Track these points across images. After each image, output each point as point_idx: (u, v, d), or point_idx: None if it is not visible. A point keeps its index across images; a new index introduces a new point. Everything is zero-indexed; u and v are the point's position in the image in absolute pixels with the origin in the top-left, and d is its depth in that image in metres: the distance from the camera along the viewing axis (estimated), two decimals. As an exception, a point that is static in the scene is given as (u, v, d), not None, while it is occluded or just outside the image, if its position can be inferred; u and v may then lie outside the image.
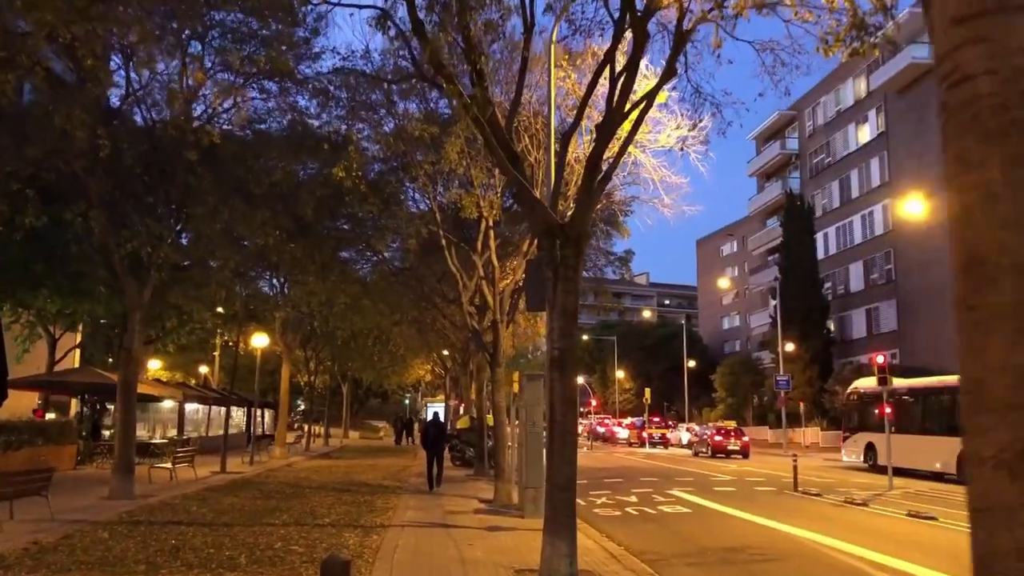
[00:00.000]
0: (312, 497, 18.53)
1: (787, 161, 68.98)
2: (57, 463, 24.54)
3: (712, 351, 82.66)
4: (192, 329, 26.44)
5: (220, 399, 37.39)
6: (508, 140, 9.94)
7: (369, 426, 71.25)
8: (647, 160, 17.72)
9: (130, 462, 17.35)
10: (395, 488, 21.36)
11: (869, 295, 56.09)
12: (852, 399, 32.81)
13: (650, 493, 20.72)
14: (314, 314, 31.03)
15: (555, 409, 9.66)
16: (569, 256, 9.56)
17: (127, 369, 17.34)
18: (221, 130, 17.96)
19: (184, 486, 20.36)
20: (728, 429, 42.45)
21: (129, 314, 17.39)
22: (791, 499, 19.79)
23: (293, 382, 55.31)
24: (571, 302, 9.63)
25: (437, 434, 21.15)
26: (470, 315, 18.99)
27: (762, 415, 61.07)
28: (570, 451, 9.52)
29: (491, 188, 17.89)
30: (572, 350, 9.64)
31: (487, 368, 22.81)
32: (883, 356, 23.88)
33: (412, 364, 54.63)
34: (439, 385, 67.03)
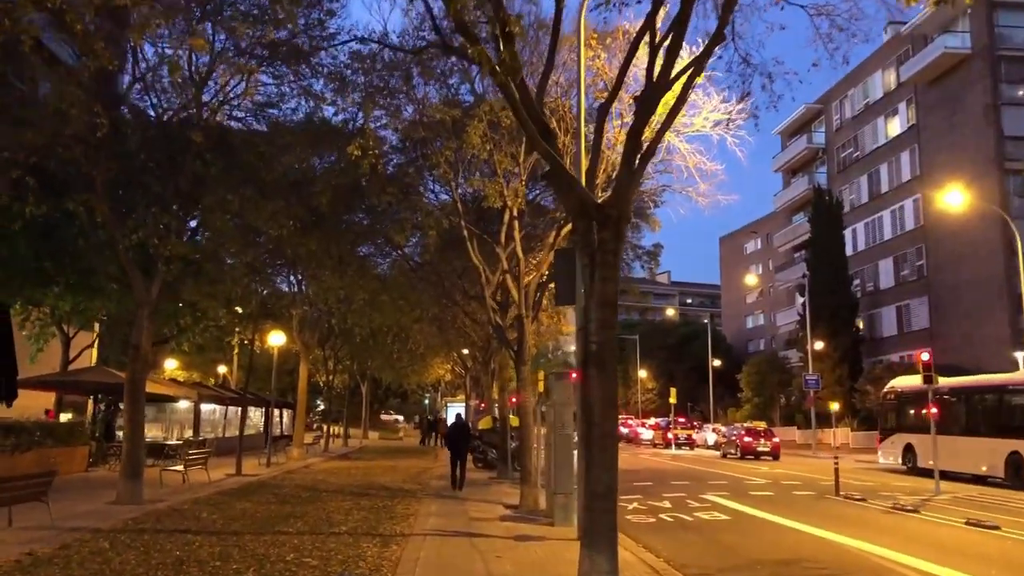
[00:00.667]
0: (329, 502, 17.65)
1: (814, 156, 67.54)
2: (68, 465, 23.88)
3: (736, 350, 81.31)
4: (206, 327, 25.64)
5: (237, 399, 36.68)
6: (539, 112, 8.97)
7: (389, 426, 70.50)
8: (681, 146, 16.73)
9: (138, 465, 16.52)
10: (416, 492, 20.46)
11: (900, 292, 54.67)
12: (889, 399, 31.59)
13: (683, 498, 19.68)
14: (332, 311, 30.23)
15: (593, 410, 8.69)
16: (608, 239, 8.58)
17: (135, 367, 16.51)
18: (232, 115, 17.14)
19: (196, 490, 19.55)
20: (758, 430, 41.27)
21: (137, 310, 16.56)
22: (835, 504, 18.68)
23: (312, 382, 54.79)
24: (610, 290, 8.64)
25: (459, 435, 21.06)
26: (493, 310, 18.04)
27: (789, 415, 59.74)
28: (610, 457, 8.54)
29: (515, 176, 16.91)
30: (612, 344, 8.66)
31: (510, 366, 21.92)
32: (927, 353, 22.62)
33: (432, 363, 53.83)
34: (459, 385, 66.21)
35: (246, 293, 24.19)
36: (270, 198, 15.65)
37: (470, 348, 44.46)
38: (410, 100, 16.97)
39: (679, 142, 16.51)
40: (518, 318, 17.25)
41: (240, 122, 17.29)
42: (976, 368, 34.97)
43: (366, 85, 16.53)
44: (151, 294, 16.49)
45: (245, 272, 21.44)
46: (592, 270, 8.72)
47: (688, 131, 16.60)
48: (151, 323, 16.64)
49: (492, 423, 30.19)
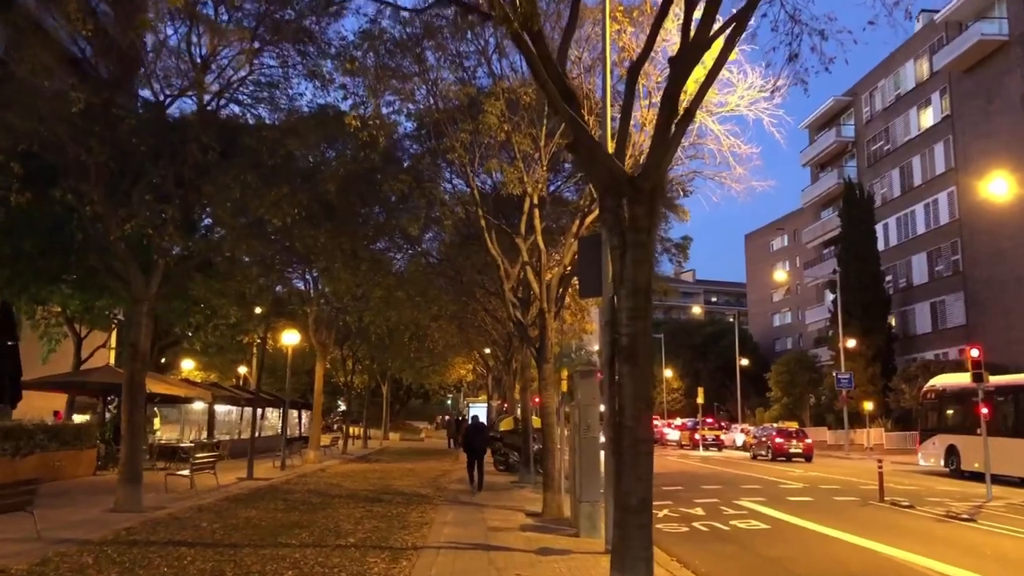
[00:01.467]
0: (340, 509, 16.64)
1: (843, 149, 65.89)
2: (74, 469, 23.06)
3: (763, 349, 79.82)
4: (216, 325, 24.78)
5: (252, 400, 35.85)
6: (561, 72, 7.89)
7: (411, 427, 69.61)
8: (714, 127, 15.55)
9: (137, 470, 15.58)
10: (432, 498, 19.42)
11: (934, 288, 53.00)
12: (929, 398, 30.17)
13: (716, 504, 18.51)
14: (347, 309, 29.28)
15: (624, 411, 7.59)
16: (640, 216, 7.49)
17: (133, 366, 15.56)
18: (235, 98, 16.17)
19: (203, 495, 18.62)
20: (790, 430, 39.90)
21: (135, 306, 15.63)
22: (882, 512, 17.41)
23: (332, 382, 53.96)
24: (643, 275, 7.55)
25: (477, 436, 21.16)
26: (513, 305, 16.94)
27: (820, 415, 58.18)
28: (644, 466, 7.45)
29: (536, 161, 15.80)
30: (646, 336, 7.56)
31: (532, 365, 20.85)
32: (977, 349, 21.25)
33: (453, 363, 52.87)
34: (481, 385, 65.26)
35: (260, 290, 23.28)
36: (273, 184, 14.64)
37: (491, 347, 43.53)
38: (423, 82, 15.91)
39: (712, 123, 15.32)
40: (540, 314, 16.15)
41: (244, 107, 16.30)
42: (1016, 367, 33.45)
43: (376, 67, 15.51)
44: (150, 289, 15.54)
45: (257, 268, 20.52)
46: (622, 252, 7.63)
47: (722, 111, 15.42)
48: (150, 320, 15.69)
49: (513, 424, 29.11)
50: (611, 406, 10.99)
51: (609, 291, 11.68)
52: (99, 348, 31.27)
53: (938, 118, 52.99)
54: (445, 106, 15.89)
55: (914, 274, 55.27)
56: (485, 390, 60.48)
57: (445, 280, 26.81)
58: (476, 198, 16.38)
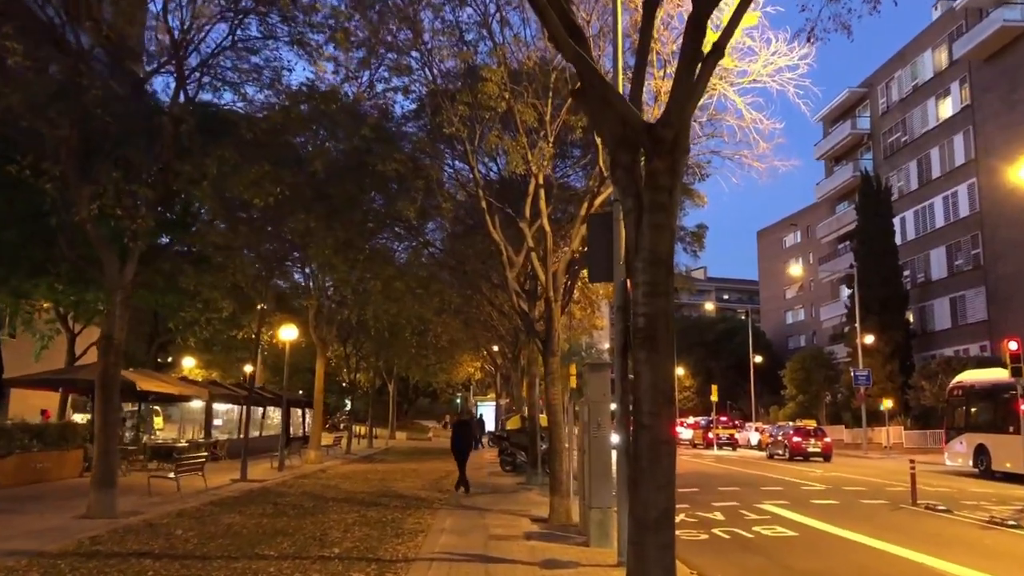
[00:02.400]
0: (331, 513, 15.47)
1: (858, 142, 64.41)
2: (58, 470, 21.95)
3: (776, 347, 78.38)
4: (209, 320, 23.63)
5: (247, 398, 34.73)
6: (565, 4, 6.67)
7: (418, 426, 68.45)
8: (737, 99, 14.30)
9: (110, 473, 14.44)
10: (433, 501, 18.23)
11: (953, 283, 51.54)
12: (956, 395, 28.79)
13: (736, 508, 17.24)
14: (346, 302, 28.10)
15: (640, 406, 6.37)
16: (661, 172, 6.27)
17: (107, 360, 14.40)
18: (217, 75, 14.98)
19: (188, 499, 17.47)
20: (808, 429, 38.52)
21: (108, 295, 14.49)
22: (917, 517, 16.11)
23: (337, 380, 52.79)
24: (663, 242, 6.33)
25: (464, 434, 20.75)
26: (517, 294, 15.69)
27: (836, 414, 56.76)
28: (665, 470, 6.22)
29: (541, 137, 14.53)
30: (666, 316, 6.33)
31: (539, 360, 19.65)
32: (1016, 342, 19.93)
33: (460, 361, 51.71)
34: (489, 383, 64.05)
35: (254, 280, 22.10)
36: (253, 162, 13.45)
37: (499, 344, 42.36)
38: (417, 47, 14.67)
39: (732, 93, 14.07)
40: (546, 303, 14.91)
41: (226, 84, 15.08)
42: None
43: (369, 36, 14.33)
44: (124, 277, 14.38)
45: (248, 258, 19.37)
46: (638, 217, 6.41)
47: (743, 82, 14.18)
48: (125, 311, 14.51)
49: (521, 423, 27.89)
50: (624, 402, 9.78)
51: (621, 275, 10.47)
52: (93, 345, 30.13)
53: (957, 108, 51.53)
54: (442, 76, 14.69)
55: (932, 269, 53.81)
56: (493, 388, 59.30)
57: (448, 272, 25.68)
58: (476, 178, 15.13)
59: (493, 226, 15.07)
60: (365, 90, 15.78)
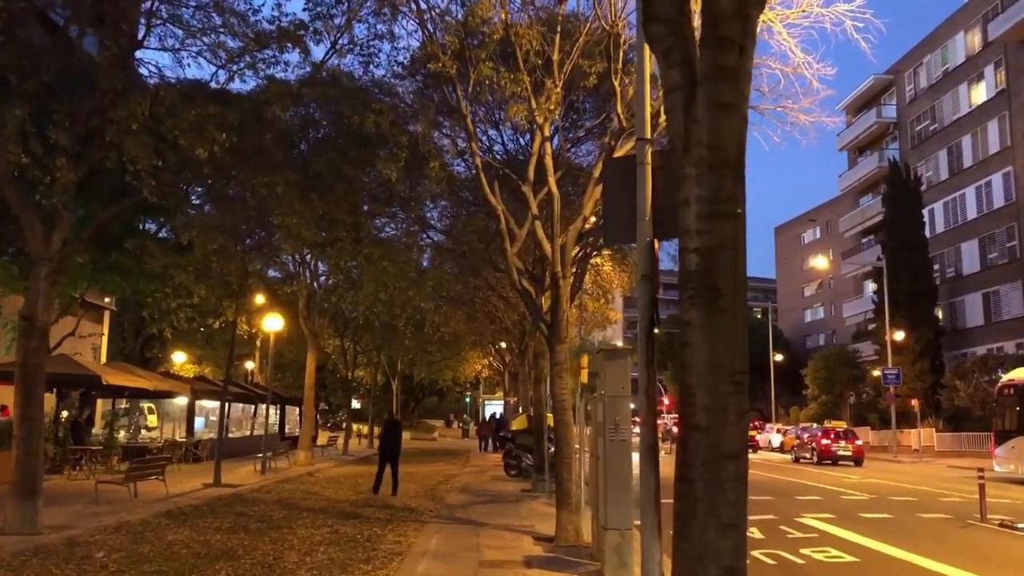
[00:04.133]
0: (300, 528, 13.11)
1: (884, 131, 61.64)
2: (5, 474, 19.65)
3: (794, 346, 75.79)
4: (181, 306, 21.31)
5: (242, 395, 32.54)
6: None
7: (424, 426, 66.11)
8: (784, 34, 11.84)
9: (31, 481, 12.14)
10: (422, 512, 15.86)
11: (987, 277, 48.77)
12: (1008, 394, 26.20)
13: (775, 523, 14.77)
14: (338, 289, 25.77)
15: (692, 399, 3.92)
16: (726, 16, 3.85)
17: (28, 345, 12.08)
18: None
19: (139, 508, 15.13)
20: (837, 431, 35.94)
21: (33, 268, 12.16)
22: (997, 537, 13.56)
23: (339, 377, 50.47)
24: (731, 132, 3.90)
25: (392, 434, 19.65)
26: (518, 271, 13.26)
27: (860, 414, 54.04)
28: (733, 502, 3.80)
29: (546, 73, 12.05)
30: (735, 252, 3.90)
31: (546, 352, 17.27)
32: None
33: (467, 358, 49.35)
34: (497, 382, 61.72)
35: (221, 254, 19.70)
36: (193, 98, 11.10)
37: (506, 339, 40.06)
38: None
39: (780, 26, 11.61)
40: (551, 279, 12.49)
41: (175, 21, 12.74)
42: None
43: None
44: (51, 247, 12.08)
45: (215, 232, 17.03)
46: (688, 95, 3.99)
47: (792, 14, 11.73)
48: (51, 286, 12.19)
49: (527, 423, 25.46)
50: (650, 396, 7.40)
51: (647, 234, 8.03)
52: (67, 336, 27.82)
53: (992, 93, 48.77)
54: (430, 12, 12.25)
55: (964, 262, 51.07)
56: (501, 387, 56.93)
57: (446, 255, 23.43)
58: (469, 130, 12.65)
59: (491, 190, 12.63)
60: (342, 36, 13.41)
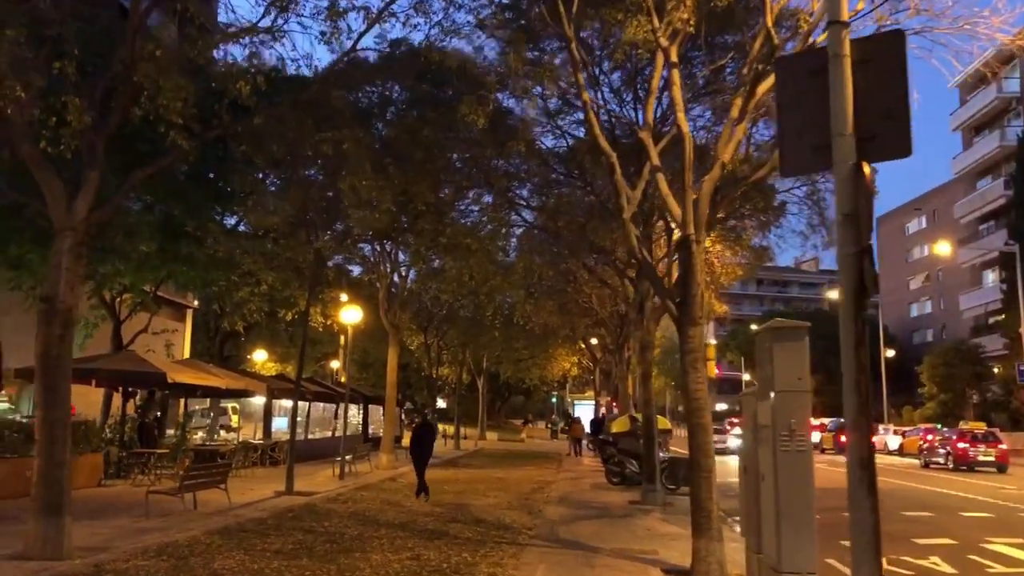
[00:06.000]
0: (373, 552, 10.83)
1: (1005, 107, 56.75)
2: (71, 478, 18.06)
3: (900, 342, 70.87)
4: (249, 294, 19.39)
5: (322, 394, 30.67)
6: None
7: (510, 426, 63.96)
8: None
9: (56, 496, 10.06)
10: (519, 530, 13.44)
11: None
12: None
13: (957, 549, 11.86)
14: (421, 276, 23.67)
15: None
16: None
17: (50, 333, 10.04)
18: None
19: (192, 523, 13.09)
20: (977, 433, 32.12)
21: (55, 240, 10.16)
22: None
23: (423, 376, 48.61)
24: None
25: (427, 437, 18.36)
26: (637, 239, 10.70)
27: (985, 415, 49.48)
28: None
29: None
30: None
31: (656, 344, 14.68)
32: None
33: (555, 355, 46.92)
34: (587, 380, 59.12)
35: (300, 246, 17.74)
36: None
37: (598, 335, 37.59)
38: None
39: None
40: (682, 245, 9.89)
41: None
42: None
43: None
44: (74, 214, 10.08)
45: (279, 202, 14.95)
46: None
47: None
48: (75, 260, 10.16)
49: (630, 425, 22.80)
50: (860, 390, 4.87)
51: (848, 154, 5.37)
52: (140, 333, 26.40)
53: None
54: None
55: (1104, 247, 46.15)
56: (592, 386, 54.29)
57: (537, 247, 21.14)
58: (573, 55, 10.09)
59: (599, 130, 10.08)
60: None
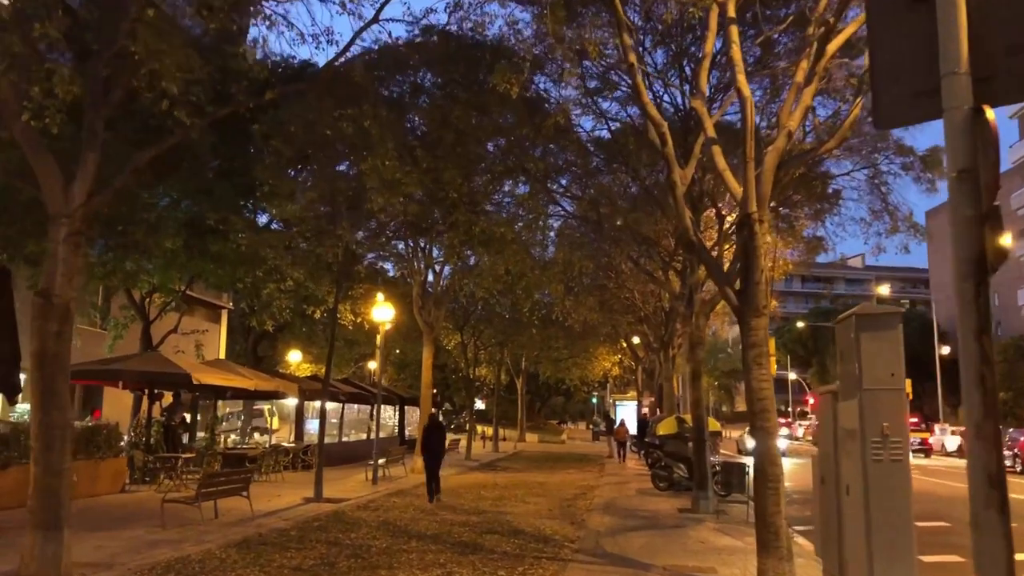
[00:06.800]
0: (400, 568, 9.81)
1: (1065, 94, 54.25)
2: (90, 485, 17.29)
3: (952, 338, 68.39)
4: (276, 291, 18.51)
5: (356, 395, 29.84)
6: None
7: (550, 428, 62.78)
8: None
9: (54, 508, 9.08)
10: (560, 542, 12.34)
11: None
12: None
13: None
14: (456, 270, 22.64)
15: None
16: None
17: (46, 329, 9.13)
18: None
19: (210, 533, 12.18)
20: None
21: (49, 228, 9.27)
22: None
23: (460, 376, 47.62)
24: None
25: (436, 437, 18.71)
26: (690, 219, 9.54)
27: (1048, 413, 47.44)
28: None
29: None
30: None
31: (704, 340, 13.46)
32: None
33: (596, 355, 45.64)
34: (629, 380, 57.69)
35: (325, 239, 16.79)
36: None
37: (641, 333, 36.27)
38: None
39: None
40: (743, 226, 8.72)
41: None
42: None
43: None
44: (71, 199, 9.18)
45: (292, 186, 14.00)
46: None
47: None
48: (73, 251, 9.25)
49: (677, 426, 21.55)
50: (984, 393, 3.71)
51: (962, 96, 4.22)
52: (170, 333, 25.75)
53: None
54: None
55: None
56: (634, 386, 52.89)
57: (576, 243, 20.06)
58: (619, 14, 8.94)
59: (645, 95, 8.92)
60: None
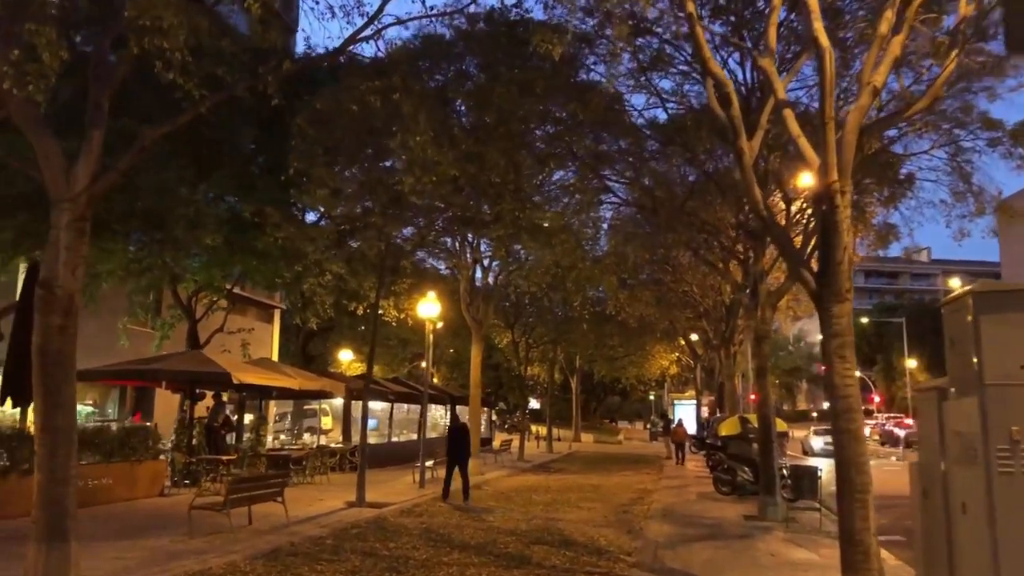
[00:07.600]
0: (438, 586, 8.87)
1: None
2: (126, 489, 16.71)
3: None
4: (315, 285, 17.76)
5: (406, 394, 29.02)
6: None
7: (606, 428, 61.53)
8: None
9: (60, 518, 8.33)
10: (615, 555, 11.27)
11: None
12: None
13: None
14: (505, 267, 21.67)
15: None
16: None
17: (48, 323, 8.37)
18: None
19: (240, 542, 11.36)
20: None
21: (51, 213, 8.52)
22: None
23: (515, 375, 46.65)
24: None
25: (461, 439, 18.54)
26: (760, 192, 8.43)
27: None
28: None
29: None
30: None
31: (771, 332, 12.26)
32: None
33: (652, 353, 44.32)
34: (687, 379, 56.20)
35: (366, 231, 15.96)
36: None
37: (699, 329, 34.98)
38: None
39: None
40: (823, 198, 7.58)
41: None
42: None
43: None
44: (74, 183, 8.43)
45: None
46: None
47: None
48: (77, 239, 8.49)
49: (740, 427, 20.28)
50: None
51: None
52: (216, 332, 25.22)
53: None
54: None
55: None
56: (693, 384, 51.41)
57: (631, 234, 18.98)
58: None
59: (709, 53, 7.84)
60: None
